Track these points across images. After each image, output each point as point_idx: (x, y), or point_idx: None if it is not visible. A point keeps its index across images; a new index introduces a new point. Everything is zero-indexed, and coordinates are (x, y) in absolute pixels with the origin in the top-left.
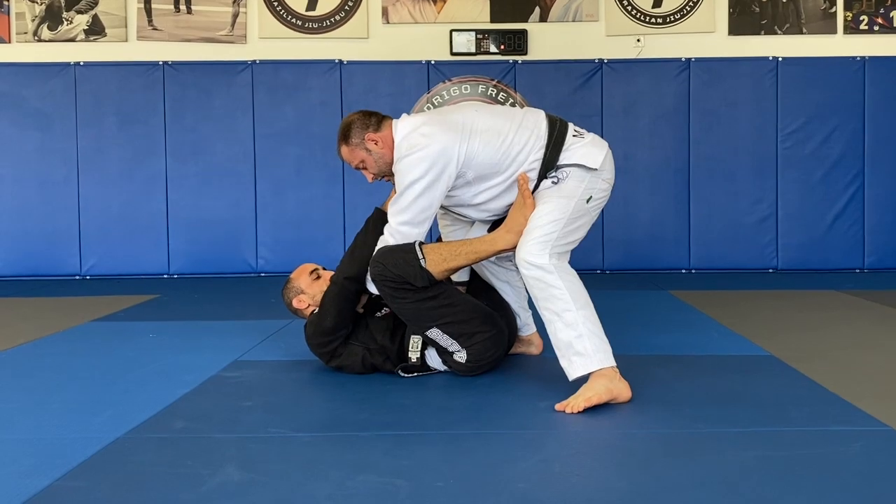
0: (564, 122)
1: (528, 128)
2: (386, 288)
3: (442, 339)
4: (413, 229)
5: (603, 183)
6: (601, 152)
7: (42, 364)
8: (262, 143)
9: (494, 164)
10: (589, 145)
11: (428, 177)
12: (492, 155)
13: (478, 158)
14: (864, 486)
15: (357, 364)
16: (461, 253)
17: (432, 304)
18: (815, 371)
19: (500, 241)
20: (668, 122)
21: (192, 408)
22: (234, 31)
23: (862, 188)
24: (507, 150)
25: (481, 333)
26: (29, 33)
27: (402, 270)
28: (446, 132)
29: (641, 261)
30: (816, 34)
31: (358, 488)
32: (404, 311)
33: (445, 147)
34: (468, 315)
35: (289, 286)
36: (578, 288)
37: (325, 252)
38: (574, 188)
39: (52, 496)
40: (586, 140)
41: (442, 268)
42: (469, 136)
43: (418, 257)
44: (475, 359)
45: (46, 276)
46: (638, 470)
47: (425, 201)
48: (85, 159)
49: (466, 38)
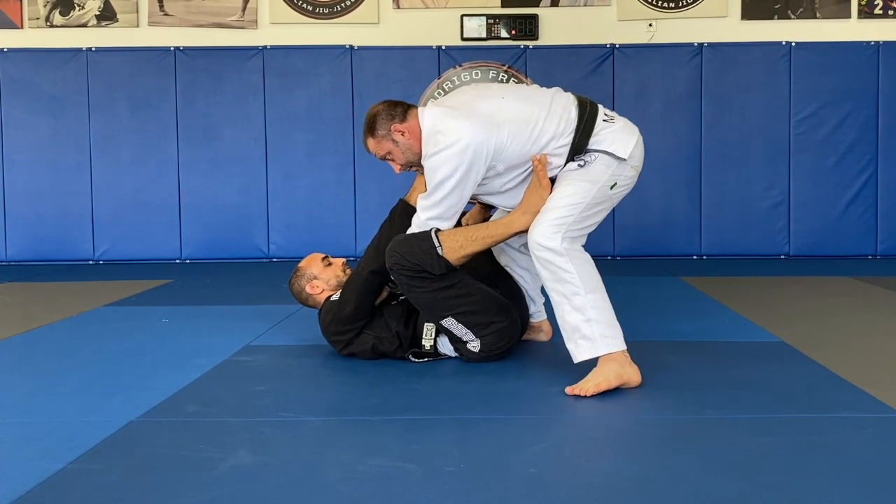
0: (595, 106)
1: (557, 114)
2: (403, 277)
3: (456, 328)
4: (442, 223)
5: (630, 170)
6: (631, 139)
7: (55, 348)
8: (273, 128)
9: (524, 154)
10: (619, 131)
11: (457, 174)
12: (522, 145)
13: (507, 151)
14: (874, 472)
15: (367, 352)
16: (477, 238)
17: (448, 293)
18: (826, 357)
19: (517, 222)
20: (680, 108)
21: (205, 392)
22: (244, 17)
23: (875, 174)
24: (537, 139)
25: (496, 324)
26: (41, 19)
27: (419, 259)
28: (474, 126)
29: (652, 247)
30: (830, 18)
31: (369, 472)
32: (420, 301)
33: (474, 142)
34: (483, 305)
35: (299, 274)
36: (589, 271)
37: (337, 237)
38: (600, 173)
39: (65, 479)
40: (617, 125)
41: (459, 254)
42: (497, 128)
43: (435, 245)
44: (488, 348)
45: (59, 261)
46: (648, 455)
47: (455, 198)
48: (97, 145)
49: (477, 23)
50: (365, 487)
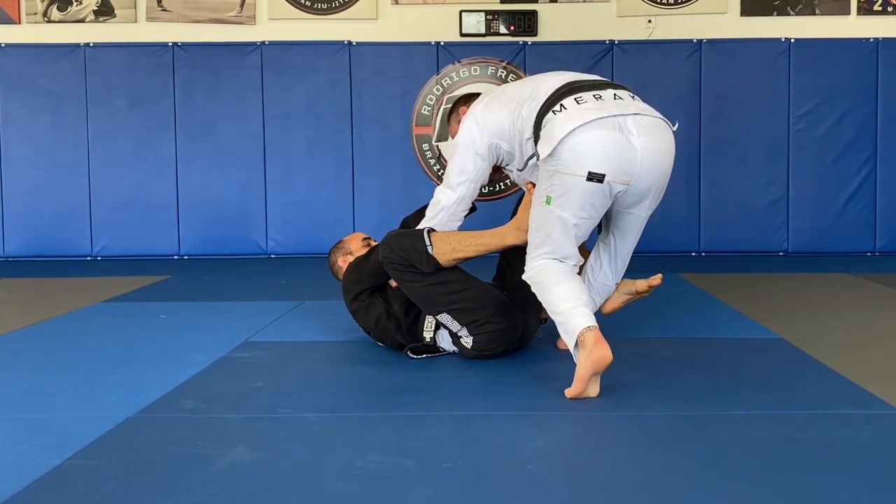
0: (576, 88)
1: (538, 97)
2: (394, 270)
3: (451, 323)
4: (446, 191)
5: (565, 177)
6: (565, 127)
7: (53, 344)
8: (271, 124)
9: (509, 136)
10: (563, 120)
11: (459, 140)
12: (503, 120)
13: (493, 124)
14: (873, 468)
15: (371, 320)
16: (470, 245)
17: (441, 289)
18: (824, 354)
19: (510, 236)
20: (679, 104)
21: (203, 388)
22: (243, 12)
23: (874, 171)
24: (514, 121)
25: (491, 324)
26: (38, 14)
27: (408, 254)
28: (476, 107)
29: (651, 243)
30: (829, 15)
31: (367, 468)
32: (413, 294)
33: (472, 115)
34: (480, 304)
35: (339, 246)
36: (548, 276)
37: (335, 233)
38: (537, 190)
39: (63, 475)
40: (571, 110)
41: (449, 257)
42: (490, 102)
43: (426, 243)
44: (479, 347)
45: (57, 257)
46: (646, 451)
47: (457, 165)
48: (95, 141)
49: (476, 19)
50: (363, 483)
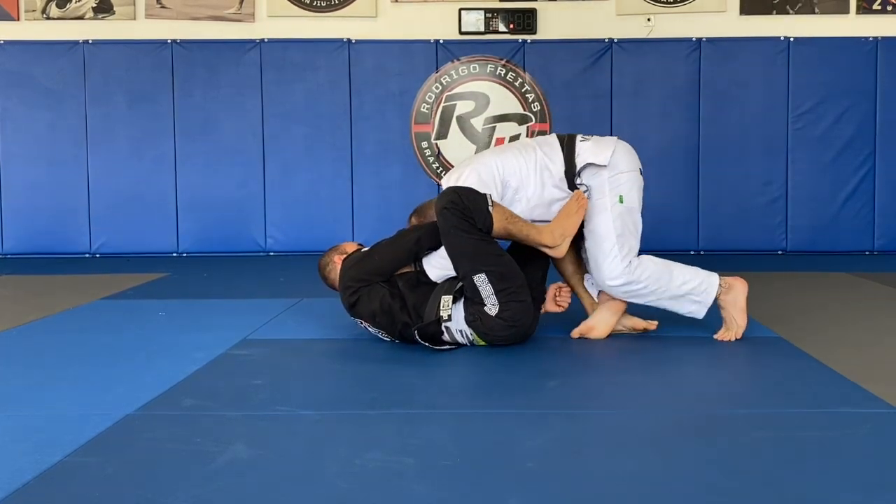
0: (572, 135)
1: (545, 141)
2: (454, 217)
3: (484, 287)
4: None
5: (622, 176)
6: (608, 149)
7: (52, 341)
8: (270, 122)
9: (525, 173)
10: (593, 145)
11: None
12: (518, 164)
13: (507, 168)
14: (872, 467)
15: (376, 303)
16: (517, 224)
17: (491, 248)
18: (823, 353)
19: (546, 235)
20: (678, 103)
21: (202, 385)
22: (242, 10)
23: (873, 170)
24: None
25: (520, 295)
26: (37, 11)
27: (473, 204)
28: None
29: (650, 242)
30: (829, 14)
31: (366, 466)
32: (461, 245)
33: (469, 180)
34: (515, 274)
35: (335, 247)
36: (652, 269)
37: (334, 231)
38: (601, 201)
39: (62, 472)
40: (590, 142)
41: (501, 224)
42: (484, 164)
43: (488, 203)
44: (505, 317)
45: (56, 254)
46: (646, 450)
47: None
48: (94, 138)
49: (475, 17)
50: (362, 481)
